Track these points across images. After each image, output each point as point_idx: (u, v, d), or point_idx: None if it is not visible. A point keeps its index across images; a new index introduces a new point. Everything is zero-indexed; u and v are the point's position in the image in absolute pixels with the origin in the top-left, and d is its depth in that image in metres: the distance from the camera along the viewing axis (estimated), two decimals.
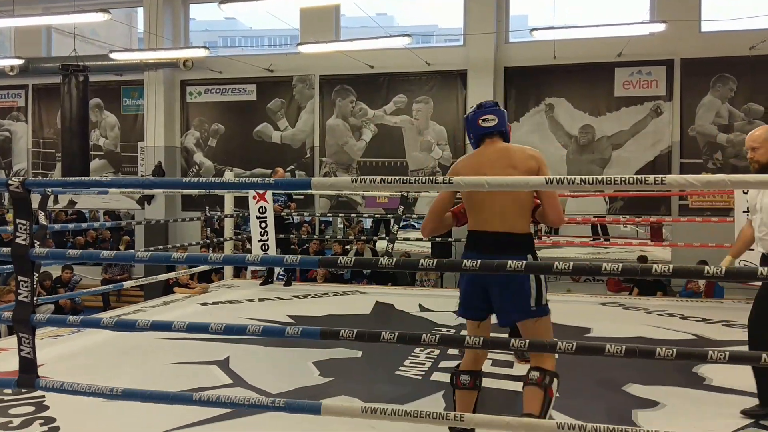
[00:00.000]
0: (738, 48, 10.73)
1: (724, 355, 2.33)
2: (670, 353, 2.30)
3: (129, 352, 4.67)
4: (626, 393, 3.85)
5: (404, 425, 2.83)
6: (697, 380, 4.08)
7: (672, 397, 3.77)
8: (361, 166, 12.60)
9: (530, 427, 2.36)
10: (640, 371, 4.17)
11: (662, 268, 2.29)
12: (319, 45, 11.12)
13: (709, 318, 5.99)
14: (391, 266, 2.38)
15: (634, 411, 3.53)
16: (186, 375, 4.11)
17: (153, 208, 13.36)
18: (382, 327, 3.88)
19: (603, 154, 11.48)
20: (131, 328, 2.78)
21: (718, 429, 3.28)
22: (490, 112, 2.97)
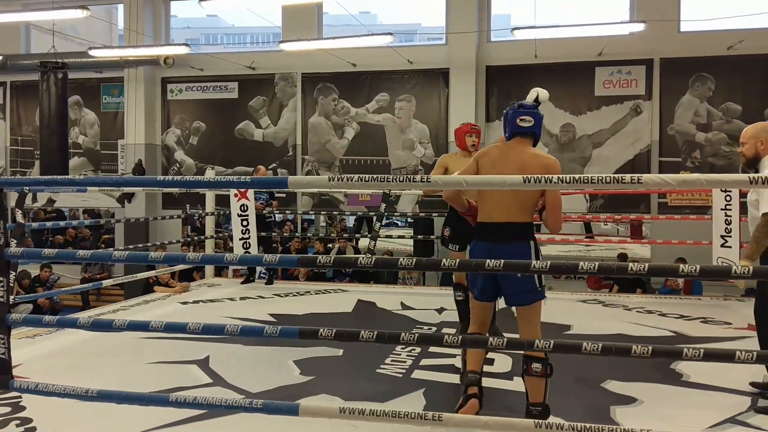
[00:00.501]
0: (716, 48, 10.86)
1: (698, 352, 2.36)
2: (645, 351, 2.33)
3: (108, 351, 4.62)
4: (605, 390, 3.88)
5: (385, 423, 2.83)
6: (675, 377, 4.12)
7: (649, 393, 3.80)
8: (344, 164, 12.59)
9: (509, 426, 2.37)
10: (618, 368, 4.20)
11: (638, 266, 2.31)
12: (302, 43, 11.08)
13: (688, 315, 6.06)
14: (371, 265, 2.38)
15: (612, 408, 3.56)
16: (165, 374, 4.08)
17: (133, 207, 13.24)
18: (364, 325, 3.89)
19: (583, 153, 11.57)
20: (108, 328, 2.76)
21: (695, 425, 3.31)
22: (530, 114, 3.23)
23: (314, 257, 2.50)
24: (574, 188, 3.10)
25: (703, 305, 6.62)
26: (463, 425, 2.42)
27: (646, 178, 2.30)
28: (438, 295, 7.11)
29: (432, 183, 2.42)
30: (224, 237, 9.42)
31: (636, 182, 2.33)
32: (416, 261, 2.43)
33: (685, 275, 2.31)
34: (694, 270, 2.31)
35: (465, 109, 11.73)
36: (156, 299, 6.79)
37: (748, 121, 10.78)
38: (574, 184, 2.43)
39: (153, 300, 6.76)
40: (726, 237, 6.80)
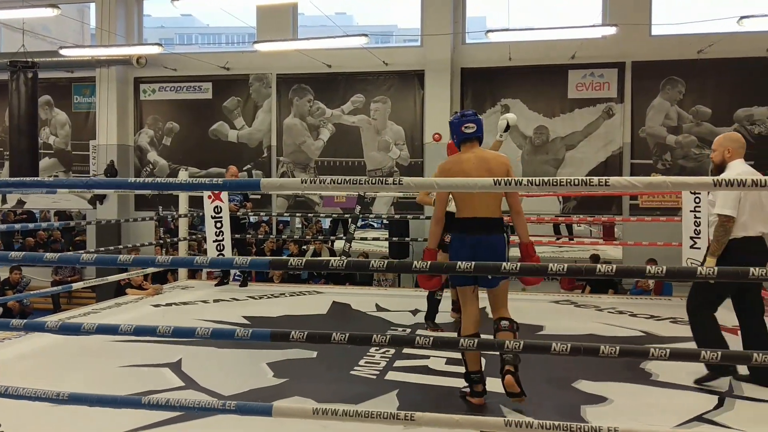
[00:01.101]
0: (686, 51, 11.06)
1: (665, 352, 2.41)
2: (613, 351, 2.37)
3: (79, 355, 4.57)
4: (575, 389, 3.93)
5: (357, 425, 2.84)
6: (645, 376, 4.19)
7: (620, 392, 3.86)
8: (319, 165, 12.56)
9: (479, 425, 2.40)
10: (589, 368, 4.26)
11: (606, 268, 2.35)
12: (276, 43, 11.05)
13: (658, 315, 6.16)
14: (342, 268, 2.39)
15: (582, 407, 3.60)
16: (137, 378, 4.04)
17: (105, 208, 13.07)
18: (338, 327, 3.88)
19: (557, 155, 11.70)
20: (76, 331, 2.73)
21: (663, 423, 3.37)
22: (472, 120, 3.72)
23: (286, 259, 2.50)
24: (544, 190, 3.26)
25: (672, 305, 6.73)
26: (435, 424, 2.43)
27: (614, 180, 2.34)
28: (412, 297, 7.13)
29: (404, 185, 2.43)
30: (198, 239, 9.34)
31: (603, 185, 2.37)
32: (388, 263, 2.44)
33: (652, 276, 2.36)
34: (661, 271, 2.35)
35: (440, 110, 11.79)
36: (128, 302, 6.72)
37: (717, 124, 11.13)
38: (544, 186, 2.46)
39: (125, 303, 6.69)
40: (695, 238, 6.93)
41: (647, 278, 2.42)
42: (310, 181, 2.49)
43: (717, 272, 2.39)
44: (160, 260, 2.60)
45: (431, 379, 4.08)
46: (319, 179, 2.47)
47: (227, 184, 2.51)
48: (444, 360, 4.40)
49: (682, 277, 2.64)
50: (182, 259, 3.12)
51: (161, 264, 2.54)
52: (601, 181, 2.38)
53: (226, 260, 3.01)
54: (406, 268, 2.55)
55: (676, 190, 3.88)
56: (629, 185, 2.36)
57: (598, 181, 2.38)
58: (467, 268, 2.39)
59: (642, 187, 2.37)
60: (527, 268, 2.42)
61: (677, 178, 2.43)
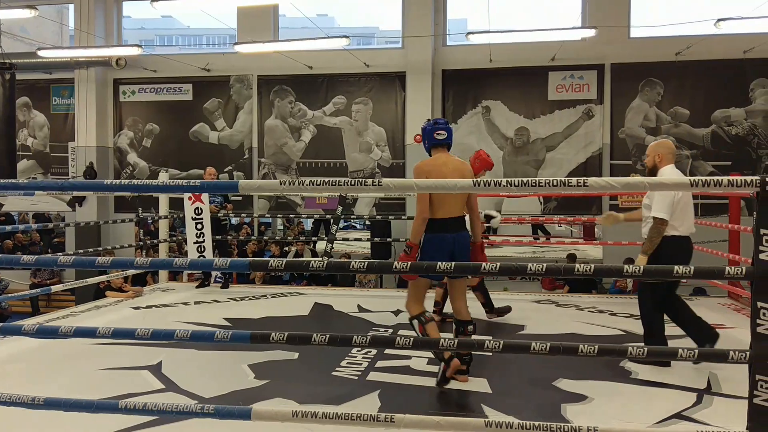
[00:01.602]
0: (665, 54, 11.20)
1: (642, 351, 2.43)
2: (592, 350, 2.39)
3: (58, 358, 4.51)
4: (556, 388, 3.95)
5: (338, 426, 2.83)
6: (624, 374, 4.22)
7: (600, 391, 3.89)
8: (301, 167, 12.53)
9: (459, 426, 2.40)
10: (570, 367, 4.29)
11: (584, 267, 2.37)
12: (257, 45, 11.00)
13: (637, 314, 6.18)
14: (323, 269, 2.38)
15: (563, 405, 3.63)
16: (116, 381, 3.99)
17: (84, 210, 12.93)
18: (320, 328, 3.88)
19: (537, 156, 11.78)
20: (54, 334, 2.69)
21: (642, 421, 3.40)
22: (444, 129, 4.08)
23: (266, 261, 2.49)
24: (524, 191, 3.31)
25: None
26: (416, 426, 2.43)
27: (592, 181, 2.36)
28: (395, 298, 7.13)
29: (384, 186, 2.43)
30: (179, 240, 9.27)
31: (582, 185, 2.39)
32: (368, 264, 2.44)
33: (629, 275, 2.38)
34: (637, 270, 2.38)
35: (421, 112, 11.81)
36: (107, 304, 6.64)
37: (695, 125, 11.28)
38: (523, 187, 2.47)
39: (104, 305, 6.61)
40: None
41: (625, 278, 2.44)
42: (290, 182, 2.48)
43: (644, 271, 2.43)
44: (139, 262, 2.58)
45: (413, 379, 4.08)
46: (298, 180, 2.47)
47: (205, 186, 2.49)
48: (426, 360, 4.40)
49: (657, 275, 2.66)
50: (161, 260, 3.09)
51: (140, 266, 2.52)
52: (579, 182, 2.40)
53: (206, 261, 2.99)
54: (387, 268, 2.55)
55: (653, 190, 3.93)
56: (607, 185, 2.38)
57: (576, 181, 2.40)
58: (447, 268, 2.40)
59: (620, 187, 2.39)
60: (507, 267, 2.43)
61: (654, 179, 2.46)
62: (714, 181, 2.31)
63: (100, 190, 9.90)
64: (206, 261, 2.51)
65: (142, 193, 9.25)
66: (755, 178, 2.27)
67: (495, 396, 3.78)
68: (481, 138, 11.88)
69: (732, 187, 2.32)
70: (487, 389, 3.90)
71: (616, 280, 9.37)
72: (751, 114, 11.15)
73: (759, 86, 11.11)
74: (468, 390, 3.88)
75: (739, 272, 2.37)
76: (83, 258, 2.56)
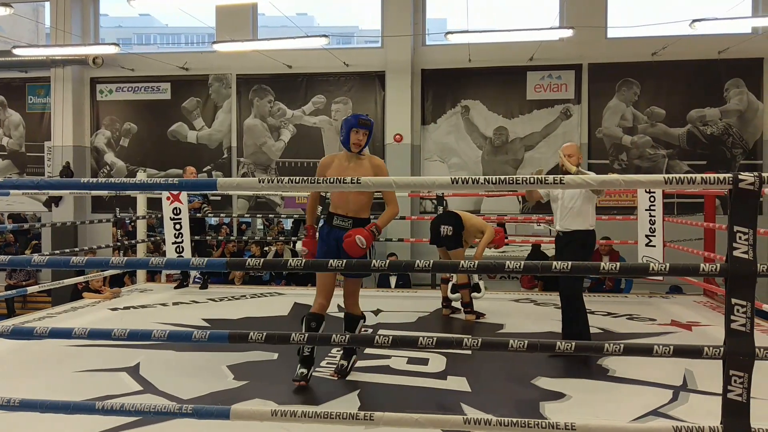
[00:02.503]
0: (641, 54, 11.33)
1: (619, 347, 2.46)
2: (569, 347, 2.41)
3: (34, 360, 4.44)
4: (535, 386, 3.98)
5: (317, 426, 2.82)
6: (602, 372, 4.26)
7: (578, 388, 3.92)
8: (280, 166, 12.49)
9: (438, 423, 2.41)
10: (548, 365, 4.32)
11: (561, 265, 2.39)
12: (236, 44, 10.94)
13: (615, 312, 6.28)
14: (300, 267, 2.37)
15: (541, 403, 3.65)
16: (94, 382, 3.95)
17: (61, 210, 12.76)
18: (300, 328, 3.87)
19: (516, 155, 11.85)
20: (29, 335, 2.66)
21: (619, 417, 3.43)
22: (366, 127, 3.98)
23: (243, 260, 2.48)
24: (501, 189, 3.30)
25: (629, 303, 6.87)
26: (394, 424, 2.44)
27: (568, 179, 2.38)
28: (375, 297, 7.14)
29: (362, 185, 2.43)
30: (157, 241, 9.19)
31: (559, 183, 2.41)
32: (346, 263, 2.44)
33: (606, 273, 2.41)
34: (614, 268, 2.40)
35: (401, 111, 11.84)
36: (84, 306, 6.57)
37: (671, 125, 11.42)
38: (500, 185, 2.48)
39: (81, 306, 6.53)
40: (650, 236, 7.09)
41: (600, 275, 2.46)
42: (268, 180, 2.47)
43: (621, 268, 2.47)
44: (115, 261, 2.55)
45: (393, 378, 4.09)
46: (276, 179, 2.46)
47: (183, 184, 2.48)
48: (405, 359, 4.41)
49: (634, 274, 2.69)
50: (137, 260, 3.06)
51: (116, 265, 2.49)
52: (556, 180, 2.42)
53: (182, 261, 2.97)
54: (365, 267, 2.55)
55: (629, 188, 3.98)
56: (583, 183, 2.40)
57: (553, 179, 2.42)
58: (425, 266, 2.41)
59: (595, 185, 2.42)
60: (484, 266, 2.44)
61: (630, 177, 2.49)
62: (688, 179, 2.35)
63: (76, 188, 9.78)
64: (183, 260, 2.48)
65: (119, 191, 9.18)
66: (728, 176, 2.31)
67: (474, 394, 3.80)
68: (460, 137, 11.93)
69: (706, 185, 2.35)
70: (466, 388, 3.91)
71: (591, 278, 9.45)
72: (725, 114, 11.32)
73: (733, 86, 11.29)
74: (447, 389, 3.90)
75: (713, 269, 2.40)
76: (57, 258, 2.53)
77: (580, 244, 4.67)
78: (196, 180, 2.55)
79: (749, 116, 11.28)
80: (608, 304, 6.78)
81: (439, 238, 5.93)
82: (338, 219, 4.00)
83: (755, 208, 2.31)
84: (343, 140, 3.98)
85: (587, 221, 4.70)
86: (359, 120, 3.98)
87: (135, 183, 2.54)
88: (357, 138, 3.95)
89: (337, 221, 4.00)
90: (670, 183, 2.37)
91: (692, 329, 5.58)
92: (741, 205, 2.30)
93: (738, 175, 2.29)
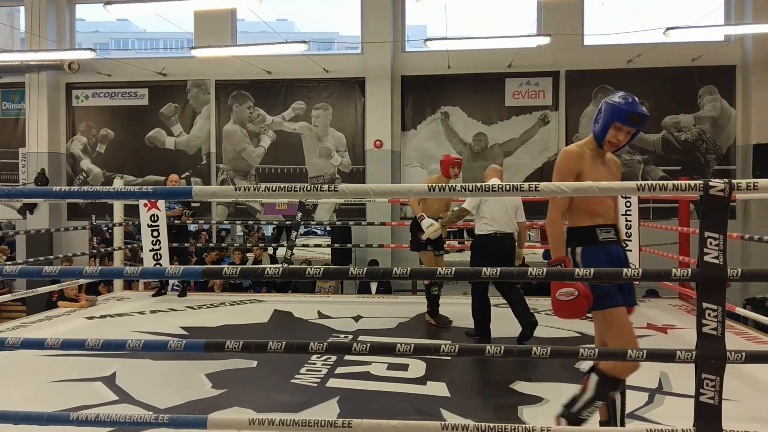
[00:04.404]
0: (617, 61, 11.48)
1: (593, 352, 2.49)
2: (545, 352, 2.43)
3: (7, 371, 4.38)
4: (513, 391, 4.01)
5: None
6: (579, 375, 4.28)
7: (555, 392, 3.94)
8: (260, 172, 12.44)
9: (416, 429, 2.42)
10: (527, 369, 4.36)
11: (536, 271, 2.41)
12: (214, 49, 10.89)
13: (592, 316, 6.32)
14: (278, 275, 2.37)
15: (520, 408, 3.68)
16: (69, 393, 3.90)
17: (36, 218, 12.58)
18: (280, 335, 3.86)
19: (495, 161, 11.90)
20: (0, 346, 2.61)
21: (595, 420, 3.46)
22: (637, 125, 2.94)
23: (220, 268, 2.47)
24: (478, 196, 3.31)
25: None
26: (373, 430, 2.44)
27: (543, 186, 2.41)
28: (355, 303, 7.15)
29: (339, 192, 2.44)
30: (134, 248, 9.10)
31: (534, 190, 2.43)
32: (324, 270, 2.44)
33: (580, 278, 2.43)
34: (588, 273, 2.43)
35: (381, 117, 11.87)
36: (59, 315, 6.48)
37: (646, 131, 11.58)
38: (477, 192, 2.50)
39: (56, 316, 6.45)
40: (626, 241, 7.17)
41: (576, 281, 2.49)
42: (245, 188, 2.46)
43: (595, 274, 2.50)
44: (89, 271, 2.52)
45: (373, 384, 4.09)
46: (254, 186, 2.45)
47: (157, 192, 2.46)
48: (385, 366, 4.41)
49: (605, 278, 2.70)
50: (112, 269, 3.02)
51: (89, 275, 2.47)
52: (531, 187, 2.44)
53: (158, 270, 2.94)
54: (343, 274, 2.55)
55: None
56: (558, 190, 2.43)
57: (528, 186, 2.45)
58: (402, 273, 2.42)
59: (570, 192, 2.45)
60: (461, 272, 2.46)
61: (603, 183, 2.53)
62: (660, 185, 2.38)
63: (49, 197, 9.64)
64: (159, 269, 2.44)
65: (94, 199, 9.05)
66: (699, 183, 2.35)
67: (453, 399, 3.82)
68: (440, 143, 11.99)
69: (677, 192, 2.39)
70: (446, 393, 3.93)
71: None
72: (699, 120, 11.51)
73: (707, 93, 11.48)
74: (427, 394, 3.91)
75: (685, 274, 2.44)
76: (29, 267, 2.50)
77: (477, 250, 5.56)
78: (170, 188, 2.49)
79: (722, 122, 11.48)
80: None
81: (419, 243, 5.93)
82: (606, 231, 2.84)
83: (725, 214, 2.35)
84: (599, 131, 2.90)
85: (483, 228, 5.50)
86: (632, 115, 2.85)
87: (109, 191, 2.52)
88: (617, 137, 2.87)
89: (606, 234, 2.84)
90: (642, 190, 2.41)
91: (668, 332, 5.65)
92: (712, 211, 2.35)
93: (708, 182, 2.33)
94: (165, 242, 7.46)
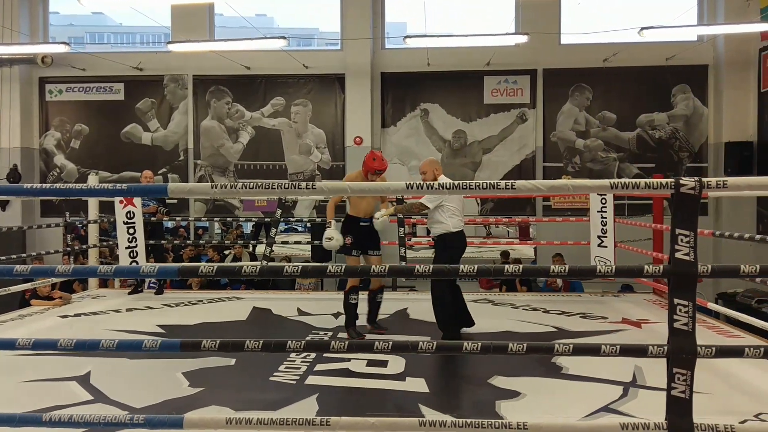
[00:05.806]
0: (593, 60, 11.60)
1: (569, 347, 2.52)
2: (521, 348, 2.46)
3: None
4: (491, 385, 4.03)
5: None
6: (556, 370, 4.35)
7: (532, 387, 3.99)
8: (239, 169, 12.36)
9: (394, 426, 2.43)
10: (504, 364, 4.38)
11: (513, 268, 2.44)
12: (191, 44, 10.79)
13: (568, 311, 6.41)
14: (255, 273, 2.37)
15: (497, 402, 3.70)
16: (42, 393, 3.84)
17: (8, 215, 12.36)
18: (258, 333, 3.85)
19: (474, 158, 11.99)
20: None
21: (571, 414, 3.51)
22: None
23: (196, 266, 2.46)
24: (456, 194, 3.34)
25: (583, 302, 7.02)
26: (351, 428, 2.45)
27: (519, 184, 2.43)
28: (335, 300, 7.09)
29: (317, 190, 2.44)
30: (110, 246, 8.99)
31: (510, 188, 2.46)
32: (302, 267, 2.44)
33: (555, 275, 2.46)
34: (563, 270, 2.46)
35: (361, 114, 11.86)
36: (32, 313, 6.39)
37: (621, 129, 11.72)
38: (455, 189, 2.52)
39: (29, 314, 6.35)
40: (602, 237, 7.27)
41: (550, 277, 2.52)
42: (221, 186, 2.45)
43: (570, 270, 2.55)
44: (61, 270, 2.49)
45: (352, 381, 4.09)
46: (230, 184, 2.45)
47: (131, 190, 2.44)
48: (365, 362, 4.42)
49: (582, 276, 2.75)
50: (85, 268, 2.99)
51: (62, 273, 2.44)
52: (508, 185, 2.46)
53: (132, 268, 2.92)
54: (321, 271, 2.55)
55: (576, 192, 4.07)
56: (534, 188, 2.46)
57: (505, 184, 2.47)
58: (381, 271, 2.42)
59: (545, 190, 2.48)
60: (438, 270, 2.47)
61: (577, 181, 2.56)
62: (633, 183, 2.42)
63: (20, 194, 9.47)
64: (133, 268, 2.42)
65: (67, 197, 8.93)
66: (670, 181, 2.39)
67: (432, 395, 3.84)
68: (420, 140, 12.02)
69: (650, 190, 2.43)
70: (425, 389, 3.94)
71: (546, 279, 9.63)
72: (673, 118, 11.67)
73: (680, 92, 11.65)
74: (406, 390, 3.92)
75: (657, 271, 2.48)
76: (0, 266, 2.46)
77: (441, 247, 5.34)
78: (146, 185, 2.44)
79: (695, 121, 11.65)
80: (562, 303, 6.92)
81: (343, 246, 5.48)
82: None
83: (696, 211, 2.39)
84: None
85: (443, 226, 5.27)
86: None
87: (83, 189, 2.49)
88: None
89: None
90: (616, 188, 2.44)
91: (642, 326, 5.73)
92: (683, 208, 2.39)
93: (680, 181, 2.37)
94: (141, 239, 7.39)
